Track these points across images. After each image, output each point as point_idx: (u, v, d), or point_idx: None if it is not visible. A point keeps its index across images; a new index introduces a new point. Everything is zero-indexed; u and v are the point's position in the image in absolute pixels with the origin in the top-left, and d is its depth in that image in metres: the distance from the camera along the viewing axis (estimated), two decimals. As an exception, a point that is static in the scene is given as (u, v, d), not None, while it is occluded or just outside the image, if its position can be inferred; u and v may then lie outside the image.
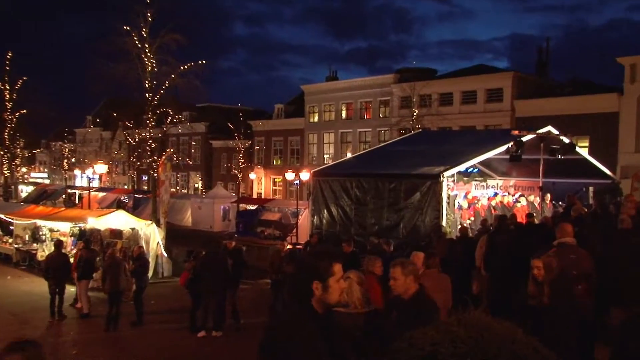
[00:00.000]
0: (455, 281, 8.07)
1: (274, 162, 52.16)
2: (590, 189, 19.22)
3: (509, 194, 20.44)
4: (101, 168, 33.52)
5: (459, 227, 15.24)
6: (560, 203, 18.23)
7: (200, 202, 37.97)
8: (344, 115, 46.85)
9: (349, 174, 17.18)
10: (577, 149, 19.06)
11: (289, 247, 16.65)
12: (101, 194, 44.26)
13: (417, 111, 36.20)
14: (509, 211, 18.03)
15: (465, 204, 18.28)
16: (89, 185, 50.17)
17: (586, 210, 13.14)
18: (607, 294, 7.24)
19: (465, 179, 19.78)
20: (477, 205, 18.51)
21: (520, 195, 19.65)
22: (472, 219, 18.11)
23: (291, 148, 50.71)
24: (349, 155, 39.28)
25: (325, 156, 47.83)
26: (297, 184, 32.97)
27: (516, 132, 16.09)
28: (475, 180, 20.95)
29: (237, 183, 50.38)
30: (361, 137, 45.34)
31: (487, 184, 21.47)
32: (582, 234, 8.52)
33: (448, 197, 15.28)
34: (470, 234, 14.76)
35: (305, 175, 30.74)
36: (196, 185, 57.73)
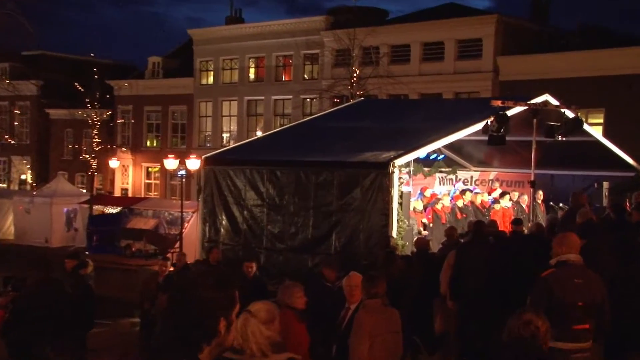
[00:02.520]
0: (409, 316, 8.18)
1: (148, 144, 51.44)
2: (605, 184, 19.59)
3: (489, 191, 21.14)
4: None
5: (416, 238, 15.53)
6: (561, 205, 18.72)
7: (30, 202, 37.17)
8: (251, 76, 46.83)
9: (259, 162, 17.36)
10: (587, 127, 19.24)
11: (171, 269, 16.53)
12: None
13: (358, 71, 36.60)
14: (484, 216, 18.82)
15: (419, 205, 18.79)
16: None
17: (595, 215, 13.08)
18: (622, 333, 7.36)
19: (426, 169, 20.55)
20: (436, 206, 18.99)
21: (502, 194, 20.23)
22: (430, 224, 18.70)
23: (173, 122, 50.25)
24: (259, 134, 39.38)
25: (225, 135, 47.62)
26: (181, 175, 32.59)
27: (498, 102, 16.32)
28: (441, 172, 21.73)
29: (90, 174, 49.30)
30: (277, 108, 45.42)
31: (456, 176, 22.17)
32: (591, 248, 8.64)
33: (401, 196, 15.49)
34: (432, 249, 15.13)
35: (194, 164, 30.49)
36: (23, 177, 56.49)
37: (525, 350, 5.24)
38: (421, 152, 16.91)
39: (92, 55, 55.25)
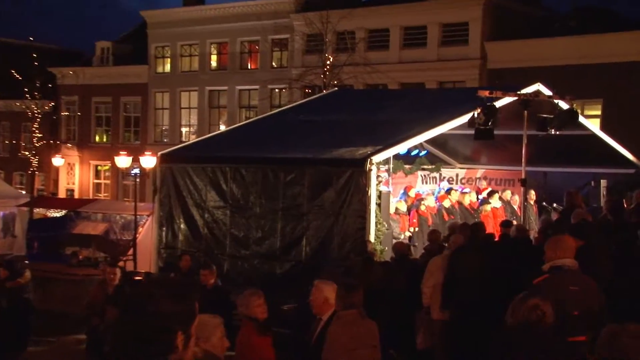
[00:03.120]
0: (388, 329, 8.23)
1: (96, 139, 51.14)
2: (603, 183, 19.74)
3: (477, 190, 21.32)
4: None
5: (395, 242, 15.71)
6: (555, 205, 18.90)
7: (-41, 205, 36.44)
8: (213, 64, 46.75)
9: (222, 159, 17.52)
10: (583, 119, 19.44)
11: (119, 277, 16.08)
12: None
13: (332, 58, 36.54)
14: (473, 217, 18.94)
15: (402, 207, 18.92)
16: None
17: (591, 216, 13.02)
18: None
19: (406, 167, 20.73)
20: (420, 207, 19.15)
21: (490, 193, 20.37)
22: (414, 229, 18.91)
23: (126, 115, 50.00)
24: (222, 128, 39.21)
25: (184, 130, 47.50)
26: (135, 174, 32.33)
27: (486, 92, 16.52)
28: (423, 170, 21.94)
29: (30, 173, 48.76)
30: (242, 99, 45.36)
31: (440, 174, 22.39)
32: (588, 252, 8.70)
33: (379, 196, 15.67)
34: (414, 255, 15.45)
35: (149, 161, 30.22)
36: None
37: (533, 335, 5.38)
38: (401, 148, 17.05)
39: (32, 39, 54.39)
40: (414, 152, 20.61)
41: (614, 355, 4.68)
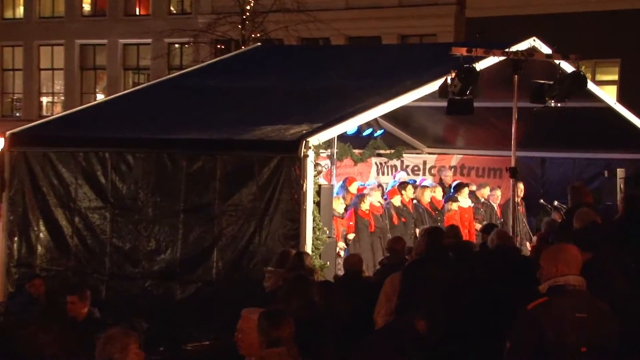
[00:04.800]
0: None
1: None
2: (620, 172, 19.72)
3: (440, 183, 21.32)
4: None
5: (345, 256, 15.80)
6: (556, 204, 19.04)
7: None
8: (86, 7, 46.52)
9: (100, 141, 17.28)
10: (593, 86, 19.31)
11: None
12: None
13: (253, 2, 36.59)
14: (436, 220, 19.35)
15: (339, 207, 18.58)
16: None
17: (603, 218, 12.62)
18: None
19: (356, 152, 20.93)
20: (360, 206, 18.94)
21: (458, 186, 20.62)
22: (352, 234, 18.79)
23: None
24: (101, 97, 38.64)
25: (44, 100, 47.01)
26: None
27: (463, 50, 16.22)
28: (379, 156, 22.15)
29: None
30: (128, 58, 45.17)
31: (403, 162, 22.60)
32: (598, 267, 8.72)
33: (319, 192, 15.49)
34: (366, 272, 15.20)
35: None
36: None
37: None
38: (349, 126, 17.11)
39: None
40: (367, 132, 20.77)
41: None
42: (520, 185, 19.59)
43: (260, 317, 7.77)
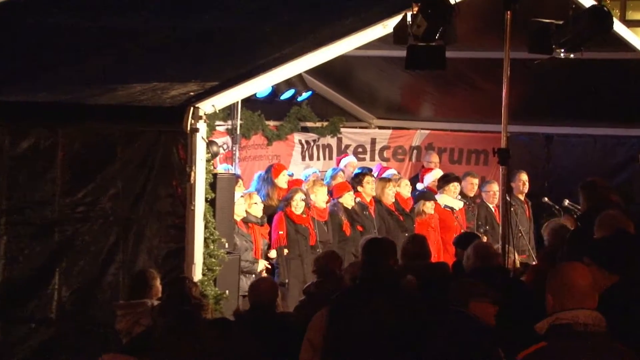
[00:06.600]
0: None
1: None
2: None
3: (420, 173, 20.03)
4: None
5: (250, 284, 13.60)
6: (567, 203, 17.63)
7: None
8: None
9: None
10: (622, 29, 17.01)
11: None
12: None
13: None
14: (401, 226, 18.33)
15: (256, 209, 16.75)
16: None
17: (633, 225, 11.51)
18: None
19: (271, 124, 19.87)
20: (291, 208, 16.90)
21: (444, 178, 19.03)
22: (283, 248, 16.91)
23: None
24: None
25: None
26: None
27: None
28: (306, 132, 20.78)
29: None
30: None
31: (340, 140, 20.92)
32: (626, 295, 8.12)
33: (214, 183, 13.53)
34: (280, 305, 13.69)
35: None
36: None
37: None
38: (259, 86, 14.52)
39: None
40: (286, 95, 18.61)
41: None
42: (524, 176, 18.36)
43: None
